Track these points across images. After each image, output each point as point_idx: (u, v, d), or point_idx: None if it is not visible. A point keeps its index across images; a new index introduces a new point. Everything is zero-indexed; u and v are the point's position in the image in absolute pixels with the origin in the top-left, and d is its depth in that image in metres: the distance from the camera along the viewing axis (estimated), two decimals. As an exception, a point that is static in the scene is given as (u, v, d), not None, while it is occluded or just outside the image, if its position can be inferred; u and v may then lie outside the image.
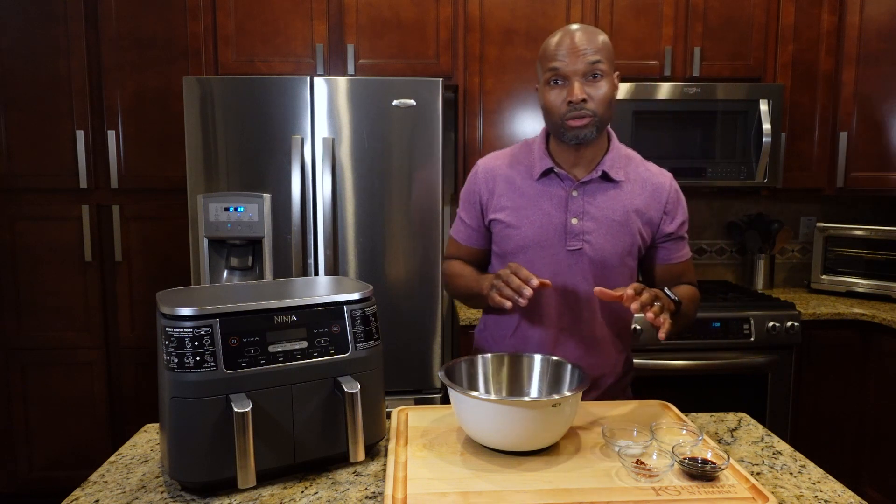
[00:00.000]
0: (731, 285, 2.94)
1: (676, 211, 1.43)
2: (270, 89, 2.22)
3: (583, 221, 1.37)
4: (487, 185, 1.45)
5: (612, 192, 1.39)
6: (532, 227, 1.39)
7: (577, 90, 1.28)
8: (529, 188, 1.41)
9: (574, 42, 1.29)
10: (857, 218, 3.13)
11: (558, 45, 1.30)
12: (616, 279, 1.40)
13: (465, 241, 1.51)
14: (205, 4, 2.49)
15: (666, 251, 1.45)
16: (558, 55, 1.29)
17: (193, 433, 0.99)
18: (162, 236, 2.76)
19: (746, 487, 0.99)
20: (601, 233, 1.37)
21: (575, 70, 1.29)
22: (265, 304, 1.06)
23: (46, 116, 2.67)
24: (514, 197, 1.41)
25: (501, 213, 1.42)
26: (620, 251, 1.38)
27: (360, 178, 2.28)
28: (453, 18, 2.59)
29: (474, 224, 1.48)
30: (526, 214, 1.39)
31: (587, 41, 1.29)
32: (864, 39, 2.67)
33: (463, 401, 1.08)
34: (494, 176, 1.44)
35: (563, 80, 1.31)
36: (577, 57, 1.28)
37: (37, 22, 2.63)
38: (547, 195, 1.39)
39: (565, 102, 1.31)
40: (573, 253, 1.38)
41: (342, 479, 1.08)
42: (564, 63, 1.29)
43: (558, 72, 1.30)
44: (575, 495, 0.97)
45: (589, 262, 1.38)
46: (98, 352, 2.76)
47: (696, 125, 2.60)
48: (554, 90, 1.32)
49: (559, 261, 1.38)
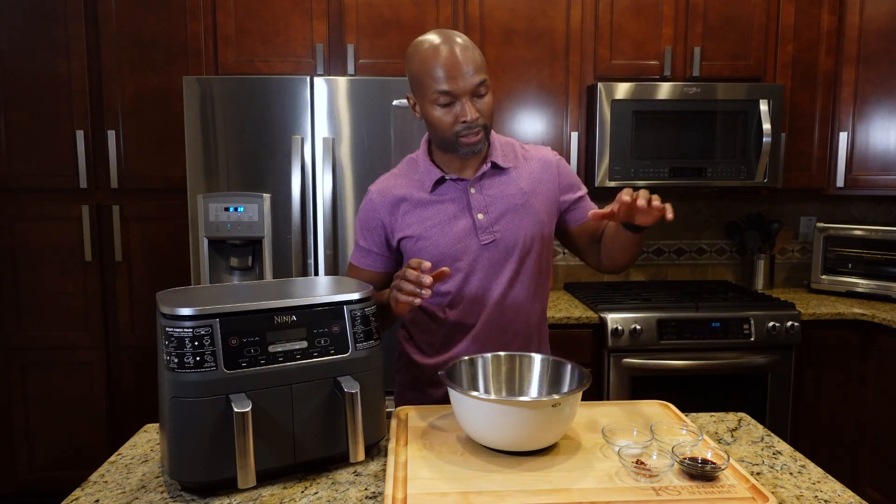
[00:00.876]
0: (731, 285, 2.94)
1: (569, 175, 1.48)
2: (270, 89, 2.22)
3: (488, 214, 1.40)
4: (386, 208, 1.44)
5: (505, 179, 1.43)
6: (443, 235, 1.40)
7: (471, 111, 1.30)
8: (428, 199, 1.42)
9: (458, 64, 1.28)
10: (857, 218, 3.13)
11: (442, 66, 1.28)
12: (536, 257, 1.44)
13: (367, 267, 1.49)
14: (205, 4, 2.49)
15: (577, 213, 1.49)
16: (445, 78, 1.28)
17: (193, 433, 0.99)
18: (162, 236, 2.76)
19: (746, 487, 0.99)
20: (507, 220, 1.40)
21: (463, 91, 1.29)
22: (265, 304, 1.06)
23: (46, 116, 2.67)
24: (415, 212, 1.42)
25: (408, 230, 1.42)
26: (530, 233, 1.42)
27: (360, 178, 2.28)
28: (453, 18, 2.59)
29: (376, 248, 1.47)
30: (432, 224, 1.41)
31: (471, 60, 1.29)
32: (864, 39, 2.67)
33: (463, 401, 1.08)
34: (391, 196, 1.44)
35: (452, 100, 1.30)
36: (464, 79, 1.28)
37: (37, 22, 2.63)
38: (447, 200, 1.41)
39: (458, 122, 1.31)
40: (488, 246, 1.40)
41: (342, 479, 1.08)
42: (453, 86, 1.28)
43: (447, 93, 1.29)
44: (575, 495, 0.97)
45: (505, 250, 1.41)
46: (98, 352, 2.76)
47: (696, 125, 2.60)
48: (443, 109, 1.32)
49: (476, 258, 1.41)
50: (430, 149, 1.46)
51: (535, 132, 2.67)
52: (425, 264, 1.22)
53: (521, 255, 1.42)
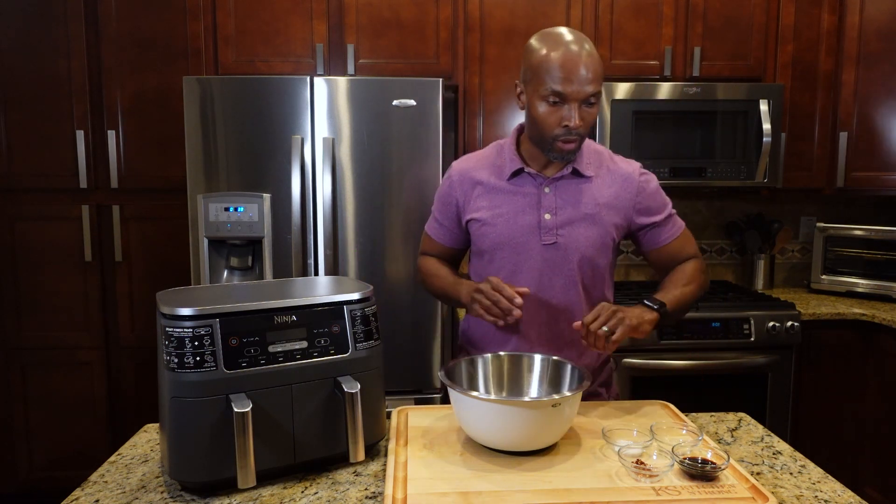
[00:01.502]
0: (731, 285, 2.94)
1: (647, 198, 1.45)
2: (270, 89, 2.22)
3: (555, 216, 1.41)
4: (462, 188, 1.48)
5: (583, 187, 1.42)
6: (506, 225, 1.42)
7: (577, 118, 1.29)
8: (502, 187, 1.44)
9: (580, 69, 1.26)
10: (857, 218, 3.13)
11: (564, 67, 1.27)
12: (592, 270, 1.44)
13: (439, 239, 1.56)
14: (205, 4, 2.49)
15: (654, 236, 1.47)
16: (563, 79, 1.27)
17: (193, 433, 0.99)
18: (162, 236, 2.75)
19: (746, 487, 0.99)
20: (574, 226, 1.41)
21: (577, 97, 1.28)
22: (265, 304, 1.06)
23: (46, 116, 2.67)
24: (488, 197, 1.44)
25: (477, 213, 1.45)
26: (594, 243, 1.42)
27: (360, 178, 2.28)
28: (453, 18, 2.59)
29: (448, 224, 1.52)
30: (500, 213, 1.43)
31: (592, 69, 1.27)
32: (864, 39, 2.67)
33: (463, 401, 1.08)
34: (470, 178, 1.47)
35: (562, 102, 1.30)
36: (581, 85, 1.27)
37: (37, 22, 2.63)
38: (520, 193, 1.43)
39: (560, 125, 1.31)
40: (548, 247, 1.41)
41: (342, 479, 1.08)
42: (569, 87, 1.27)
43: (559, 94, 1.28)
44: (575, 495, 0.97)
45: (563, 255, 1.41)
46: (98, 352, 2.76)
47: (696, 125, 2.60)
48: (550, 108, 1.31)
49: (534, 256, 1.42)
50: (518, 138, 1.47)
51: (535, 132, 2.67)
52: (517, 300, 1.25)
53: (580, 263, 1.42)
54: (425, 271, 1.57)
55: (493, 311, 1.28)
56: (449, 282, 1.49)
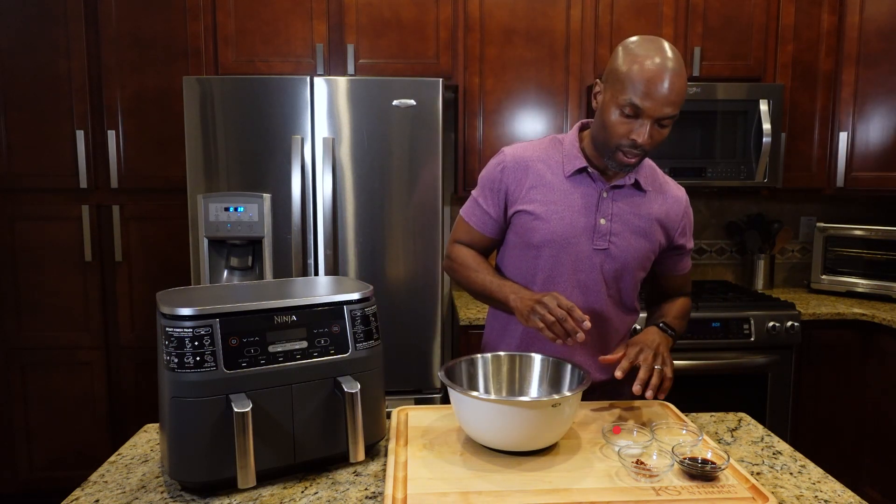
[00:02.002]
0: (731, 285, 2.94)
1: (688, 226, 1.50)
2: (270, 89, 2.22)
3: (611, 223, 1.40)
4: (516, 176, 1.42)
5: (638, 200, 1.42)
6: (561, 223, 1.39)
7: (647, 136, 1.26)
8: (560, 184, 1.41)
9: (664, 89, 1.22)
10: (857, 218, 3.13)
11: (649, 83, 1.22)
12: (631, 281, 1.45)
13: (478, 227, 1.48)
14: (205, 4, 2.49)
15: (673, 262, 1.52)
16: (644, 94, 1.23)
17: (193, 433, 0.99)
18: (162, 236, 2.75)
19: (746, 487, 0.99)
20: (626, 236, 1.40)
21: (653, 114, 1.24)
22: (265, 304, 1.06)
23: (46, 116, 2.67)
24: (544, 190, 1.41)
25: (530, 205, 1.40)
26: (640, 256, 1.42)
27: (360, 178, 2.28)
28: (453, 18, 2.59)
29: (492, 212, 1.46)
30: (556, 209, 1.39)
31: (676, 91, 1.23)
32: (864, 39, 2.67)
33: (463, 401, 1.08)
34: (525, 167, 1.42)
35: (636, 116, 1.26)
36: (660, 105, 1.23)
37: (37, 22, 2.63)
38: (578, 193, 1.40)
39: (629, 136, 1.27)
40: (598, 252, 1.40)
41: (342, 479, 1.08)
42: (647, 103, 1.23)
43: (636, 108, 1.24)
44: (575, 495, 0.97)
45: (611, 262, 1.41)
46: (98, 352, 2.76)
47: (696, 125, 2.60)
48: (622, 117, 1.27)
49: (582, 258, 1.40)
50: (580, 136, 1.45)
51: (535, 132, 2.67)
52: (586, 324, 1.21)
53: (623, 273, 1.43)
54: (461, 262, 1.49)
55: (556, 328, 1.22)
56: (492, 280, 1.42)
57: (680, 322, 1.48)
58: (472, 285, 1.47)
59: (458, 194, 2.74)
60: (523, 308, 1.29)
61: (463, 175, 2.68)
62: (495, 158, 1.47)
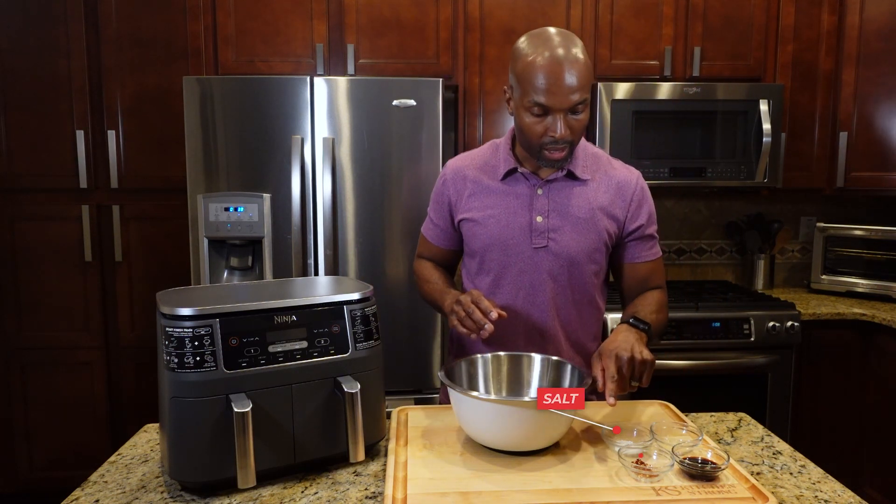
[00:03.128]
0: (731, 285, 2.94)
1: (641, 208, 1.43)
2: (270, 89, 2.22)
3: (548, 219, 1.39)
4: (455, 186, 1.46)
5: (577, 190, 1.40)
6: (498, 226, 1.40)
7: (562, 129, 1.26)
8: (496, 187, 1.42)
9: (563, 80, 1.22)
10: (857, 218, 3.13)
11: (546, 79, 1.22)
12: (583, 277, 1.42)
13: (433, 241, 1.55)
14: (205, 4, 2.49)
15: (633, 250, 1.45)
16: (545, 90, 1.23)
17: (193, 433, 0.99)
18: (162, 236, 2.75)
19: (746, 487, 0.99)
20: (566, 230, 1.39)
21: (560, 107, 1.24)
22: (265, 304, 1.06)
23: (46, 116, 2.67)
24: (482, 196, 1.43)
25: (470, 213, 1.44)
26: (586, 248, 1.39)
27: (360, 178, 2.28)
28: (453, 18, 2.59)
29: (442, 224, 1.51)
30: (492, 213, 1.41)
31: (576, 77, 1.23)
32: (864, 39, 2.67)
33: (463, 401, 1.08)
34: (463, 177, 1.46)
35: (546, 112, 1.26)
36: (564, 96, 1.23)
37: (37, 22, 2.63)
38: (512, 194, 1.41)
39: (546, 134, 1.28)
40: (538, 250, 1.39)
41: (342, 479, 1.08)
42: (552, 99, 1.23)
43: (543, 106, 1.25)
44: (575, 495, 0.97)
45: (554, 259, 1.40)
46: (98, 352, 2.76)
47: (696, 125, 2.60)
48: (534, 118, 1.28)
49: (525, 259, 1.40)
50: (513, 138, 1.45)
51: (535, 132, 2.67)
52: (493, 314, 1.21)
53: (570, 268, 1.40)
54: (419, 275, 1.56)
55: (466, 322, 1.25)
56: (437, 289, 1.46)
57: (655, 315, 1.38)
58: (425, 296, 1.52)
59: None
60: (448, 308, 1.33)
61: (463, 175, 2.68)
62: (440, 173, 1.51)
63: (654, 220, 1.47)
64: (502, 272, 1.42)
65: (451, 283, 1.50)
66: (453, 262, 1.58)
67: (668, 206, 3.07)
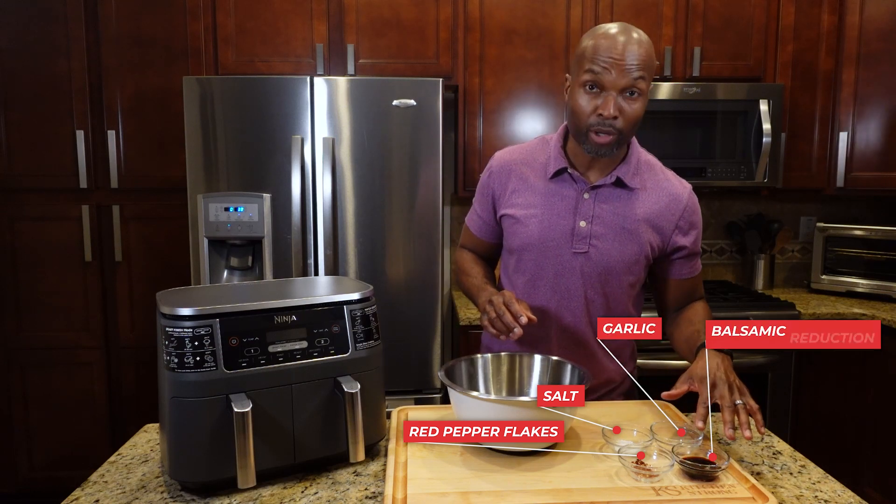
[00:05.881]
0: (731, 285, 2.94)
1: (691, 225, 1.39)
2: (270, 89, 2.22)
3: (591, 225, 1.35)
4: (500, 180, 1.43)
5: (624, 199, 1.36)
6: (539, 226, 1.37)
7: (612, 107, 1.22)
8: (542, 186, 1.39)
9: (622, 53, 1.20)
10: (857, 218, 3.13)
11: (604, 51, 1.21)
12: (619, 287, 1.39)
13: (476, 232, 1.53)
14: (205, 4, 2.49)
15: (680, 267, 1.42)
16: (601, 61, 1.21)
17: (193, 433, 0.99)
18: (162, 236, 2.76)
19: (746, 487, 0.99)
20: (608, 238, 1.35)
21: (615, 83, 1.22)
22: (265, 304, 1.06)
23: (46, 116, 2.67)
24: (525, 194, 1.39)
25: (512, 209, 1.41)
26: (627, 259, 1.36)
27: (360, 178, 2.28)
28: (453, 18, 2.59)
29: (486, 217, 1.49)
30: (535, 213, 1.38)
31: (635, 55, 1.20)
32: (864, 39, 2.66)
33: (463, 401, 1.08)
34: (509, 171, 1.42)
35: (599, 89, 1.24)
36: (621, 70, 1.20)
37: (37, 22, 2.63)
38: (558, 195, 1.37)
39: (595, 113, 1.25)
40: (578, 255, 1.36)
41: (342, 479, 1.08)
42: (606, 73, 1.21)
43: (597, 79, 1.22)
44: (575, 495, 0.97)
45: (593, 266, 1.36)
46: (98, 352, 2.76)
47: (696, 125, 2.60)
48: (586, 95, 1.25)
49: (563, 262, 1.37)
50: (565, 136, 1.41)
51: (535, 132, 2.67)
52: (523, 319, 1.19)
53: (607, 277, 1.37)
54: (459, 266, 1.53)
55: (496, 324, 1.23)
56: (475, 283, 1.43)
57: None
58: (462, 288, 1.51)
59: (459, 194, 2.74)
60: (481, 308, 1.32)
61: (463, 175, 2.68)
62: (487, 164, 1.49)
63: (700, 237, 1.43)
64: (539, 274, 1.39)
65: (491, 278, 1.48)
66: (495, 255, 1.56)
67: (668, 206, 3.06)
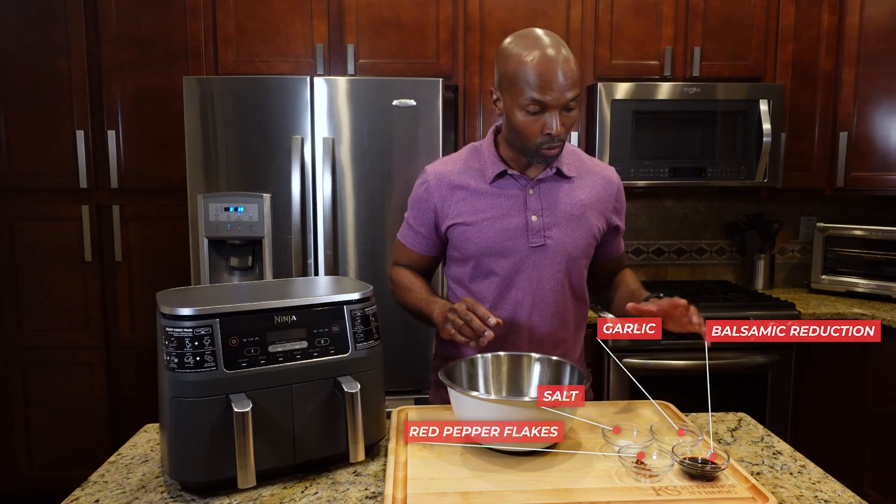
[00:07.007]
0: (731, 285, 2.93)
1: (622, 205, 1.51)
2: (270, 89, 2.22)
3: (542, 218, 1.40)
4: (440, 193, 1.43)
5: (566, 188, 1.42)
6: (493, 228, 1.39)
7: (559, 126, 1.28)
8: (486, 189, 1.41)
9: (558, 74, 1.25)
10: (857, 218, 3.13)
11: (542, 77, 1.25)
12: (578, 271, 1.45)
13: (413, 247, 1.51)
14: (205, 4, 2.49)
15: (615, 246, 1.55)
16: (541, 88, 1.25)
17: (193, 433, 0.99)
18: (162, 236, 2.75)
19: (746, 487, 0.99)
20: (561, 227, 1.40)
21: (556, 104, 1.27)
22: (265, 304, 1.06)
23: (46, 116, 2.67)
24: (471, 200, 1.41)
25: (461, 217, 1.41)
26: (582, 244, 1.42)
27: (360, 178, 2.28)
28: (453, 18, 2.59)
29: (424, 231, 1.48)
30: (486, 216, 1.40)
31: (569, 73, 1.26)
32: (864, 39, 2.66)
33: (463, 401, 1.08)
34: (448, 182, 1.43)
35: (542, 111, 1.28)
36: (560, 92, 1.26)
37: (37, 22, 2.63)
38: (504, 195, 1.41)
39: (543, 133, 1.29)
40: (536, 249, 1.40)
41: (342, 479, 1.08)
42: (547, 96, 1.26)
43: (540, 103, 1.27)
44: (575, 495, 0.97)
45: (552, 257, 1.40)
46: (98, 352, 2.76)
47: (696, 125, 2.60)
48: (530, 117, 1.29)
49: (523, 259, 1.40)
50: (496, 139, 1.45)
51: (535, 132, 2.67)
52: (491, 320, 1.21)
53: (567, 265, 1.42)
54: (398, 283, 1.52)
55: (465, 331, 1.23)
56: (422, 297, 1.43)
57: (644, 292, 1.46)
58: (407, 305, 1.49)
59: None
60: (440, 319, 1.31)
61: (463, 175, 2.68)
62: (419, 179, 1.48)
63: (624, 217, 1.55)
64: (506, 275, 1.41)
65: (435, 292, 1.48)
66: (432, 269, 1.57)
67: (668, 206, 3.07)
